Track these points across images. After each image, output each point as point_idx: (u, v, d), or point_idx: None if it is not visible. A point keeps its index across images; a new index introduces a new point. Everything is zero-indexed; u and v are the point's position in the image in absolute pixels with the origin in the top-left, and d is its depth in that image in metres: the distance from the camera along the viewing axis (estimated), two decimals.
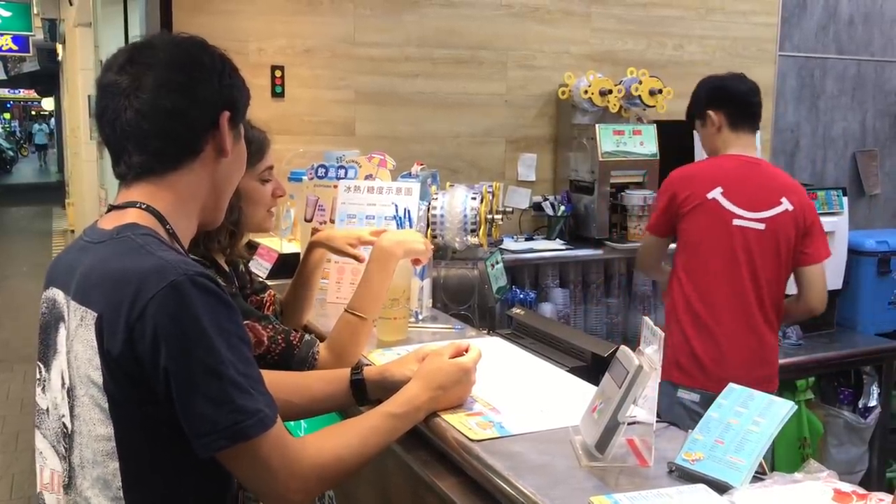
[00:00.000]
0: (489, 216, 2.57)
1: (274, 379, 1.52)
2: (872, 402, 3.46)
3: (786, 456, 3.26)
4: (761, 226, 2.62)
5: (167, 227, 1.22)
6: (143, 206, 1.21)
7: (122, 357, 1.09)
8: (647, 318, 1.37)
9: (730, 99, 2.73)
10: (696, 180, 2.67)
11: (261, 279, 2.18)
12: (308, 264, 2.03)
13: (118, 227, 1.19)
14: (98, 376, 1.12)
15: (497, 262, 2.72)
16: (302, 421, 1.99)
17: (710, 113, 2.72)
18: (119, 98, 1.20)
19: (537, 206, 3.64)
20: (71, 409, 1.17)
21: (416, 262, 1.97)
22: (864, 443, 3.41)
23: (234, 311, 1.14)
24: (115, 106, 1.20)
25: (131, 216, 1.21)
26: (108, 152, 1.26)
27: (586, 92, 3.53)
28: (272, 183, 1.83)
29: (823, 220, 3.47)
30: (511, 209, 2.96)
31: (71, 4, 8.97)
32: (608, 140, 3.47)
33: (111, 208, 1.25)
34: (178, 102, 1.20)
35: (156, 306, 1.07)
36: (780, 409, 1.25)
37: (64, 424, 1.20)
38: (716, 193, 2.62)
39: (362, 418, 1.35)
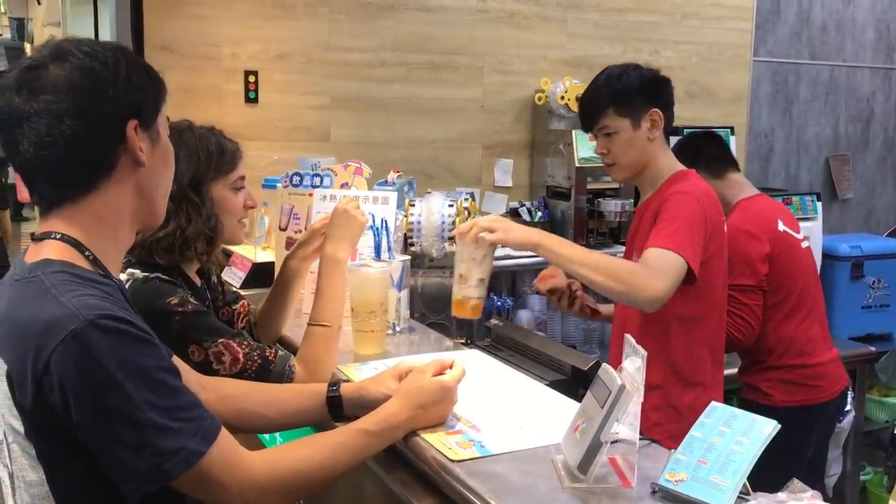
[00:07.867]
0: None
1: (248, 390, 1.51)
2: (847, 407, 3.48)
3: None
4: None
5: (86, 253, 1.15)
6: (59, 237, 1.15)
7: (36, 411, 1.06)
8: (629, 336, 1.35)
9: (668, 99, 2.23)
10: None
11: (234, 289, 2.14)
12: (285, 273, 1.97)
13: (33, 264, 1.14)
14: (19, 426, 1.10)
15: None
16: (277, 435, 1.96)
17: (657, 111, 2.14)
18: (13, 129, 1.12)
19: (514, 212, 3.63)
20: (9, 453, 1.15)
21: None
22: (839, 446, 3.43)
23: (149, 344, 1.10)
24: (12, 137, 1.12)
25: (47, 250, 1.15)
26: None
27: (562, 97, 3.52)
28: (243, 193, 1.80)
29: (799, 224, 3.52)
30: None
31: (39, 3, 8.80)
32: (585, 146, 3.46)
33: (33, 240, 1.19)
34: (74, 126, 1.11)
35: (59, 359, 1.03)
36: (763, 429, 1.24)
37: (6, 465, 1.17)
38: None
39: (333, 433, 1.33)
